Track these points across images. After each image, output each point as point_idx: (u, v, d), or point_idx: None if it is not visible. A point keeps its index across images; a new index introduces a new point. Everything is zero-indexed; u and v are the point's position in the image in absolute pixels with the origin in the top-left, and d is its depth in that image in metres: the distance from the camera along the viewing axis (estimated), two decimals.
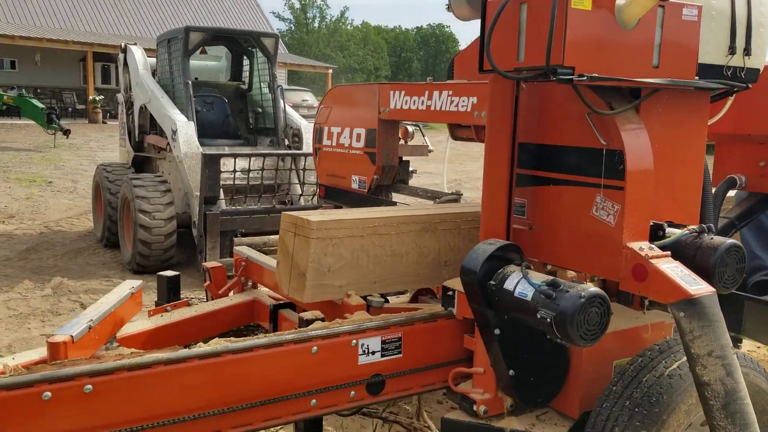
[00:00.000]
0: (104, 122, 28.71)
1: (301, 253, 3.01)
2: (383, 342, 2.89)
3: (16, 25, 30.72)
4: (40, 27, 31.67)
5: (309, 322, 2.90)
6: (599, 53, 2.36)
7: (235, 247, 4.16)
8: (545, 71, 2.31)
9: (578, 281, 2.39)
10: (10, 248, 8.60)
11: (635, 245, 2.47)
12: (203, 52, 9.42)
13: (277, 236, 7.86)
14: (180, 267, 7.86)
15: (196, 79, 8.81)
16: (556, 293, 2.28)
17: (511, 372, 2.58)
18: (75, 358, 2.39)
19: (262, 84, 9.30)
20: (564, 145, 2.72)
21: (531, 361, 2.62)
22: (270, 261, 3.89)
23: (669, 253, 2.47)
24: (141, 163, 9.43)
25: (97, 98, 28.69)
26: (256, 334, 3.99)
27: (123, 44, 9.55)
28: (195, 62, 9.04)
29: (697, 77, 2.63)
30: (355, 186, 4.51)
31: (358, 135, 4.43)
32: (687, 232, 2.63)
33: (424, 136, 8.70)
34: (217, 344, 2.61)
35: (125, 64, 9.44)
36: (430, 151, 5.38)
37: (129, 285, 3.31)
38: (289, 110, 9.10)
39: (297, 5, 71.72)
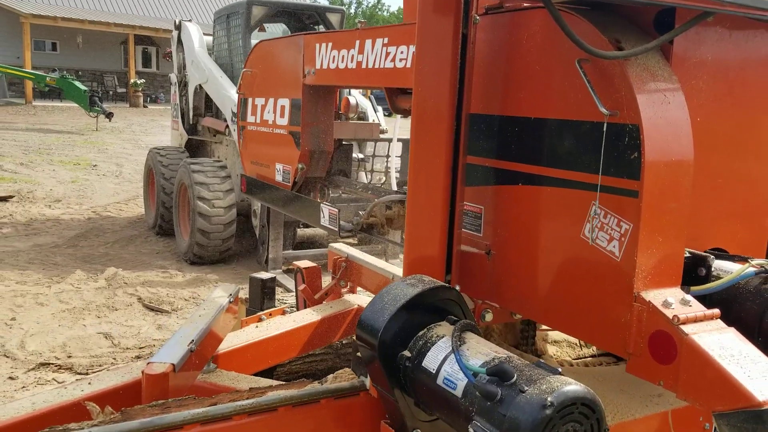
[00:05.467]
0: (145, 106, 28.63)
1: None
2: None
3: (58, 6, 30.56)
4: (82, 9, 31.47)
5: None
6: None
7: (331, 245, 3.58)
8: None
9: (546, 366, 1.37)
10: (58, 234, 8.16)
11: (656, 296, 1.45)
12: (261, 29, 8.87)
13: None
14: (238, 258, 7.36)
15: None
16: (504, 391, 1.32)
17: None
18: (179, 398, 1.84)
19: None
20: (541, 117, 1.69)
21: None
22: (375, 261, 3.32)
23: (717, 312, 1.45)
24: (195, 148, 8.94)
25: (138, 82, 28.59)
26: None
27: (177, 21, 9.02)
28: (251, 41, 8.49)
29: None
30: (279, 178, 3.26)
31: (282, 108, 3.19)
32: (752, 270, 1.56)
33: (376, 112, 7.18)
34: (352, 377, 2.05)
35: (179, 41, 8.91)
36: (382, 131, 4.00)
37: (226, 291, 2.74)
38: (353, 92, 8.49)
39: None
